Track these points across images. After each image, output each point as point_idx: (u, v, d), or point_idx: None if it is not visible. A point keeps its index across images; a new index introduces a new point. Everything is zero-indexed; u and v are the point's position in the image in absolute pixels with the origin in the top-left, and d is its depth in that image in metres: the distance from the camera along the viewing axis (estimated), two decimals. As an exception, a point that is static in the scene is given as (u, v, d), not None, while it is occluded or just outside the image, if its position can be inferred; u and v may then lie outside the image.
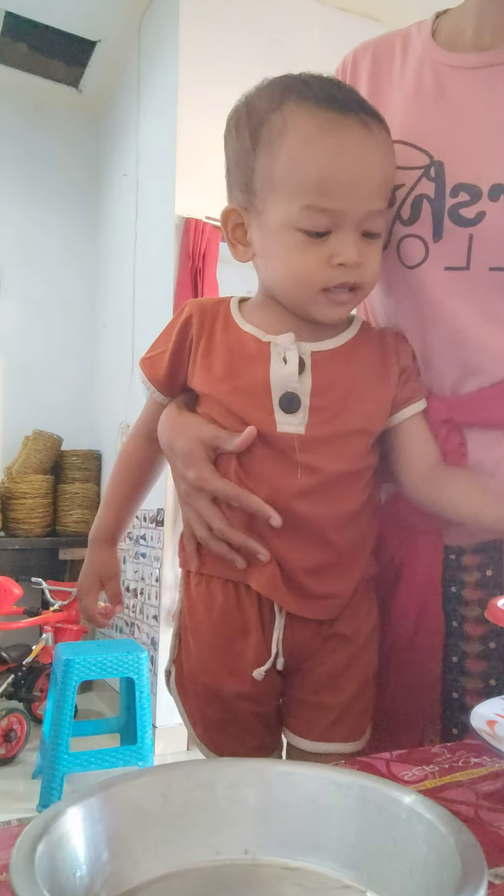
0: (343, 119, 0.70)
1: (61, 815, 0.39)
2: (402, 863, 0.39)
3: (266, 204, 0.73)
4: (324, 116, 0.70)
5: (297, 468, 0.75)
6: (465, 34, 0.82)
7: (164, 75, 3.40)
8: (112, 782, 0.42)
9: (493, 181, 0.74)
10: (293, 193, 0.71)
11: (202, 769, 0.45)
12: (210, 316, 0.82)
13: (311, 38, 3.31)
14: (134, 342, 3.66)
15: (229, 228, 0.79)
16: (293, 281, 0.74)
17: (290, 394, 0.75)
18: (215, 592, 0.80)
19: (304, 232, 0.71)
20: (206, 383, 0.79)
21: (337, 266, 0.71)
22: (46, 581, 3.44)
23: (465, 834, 0.36)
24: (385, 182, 0.73)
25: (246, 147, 0.74)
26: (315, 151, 0.70)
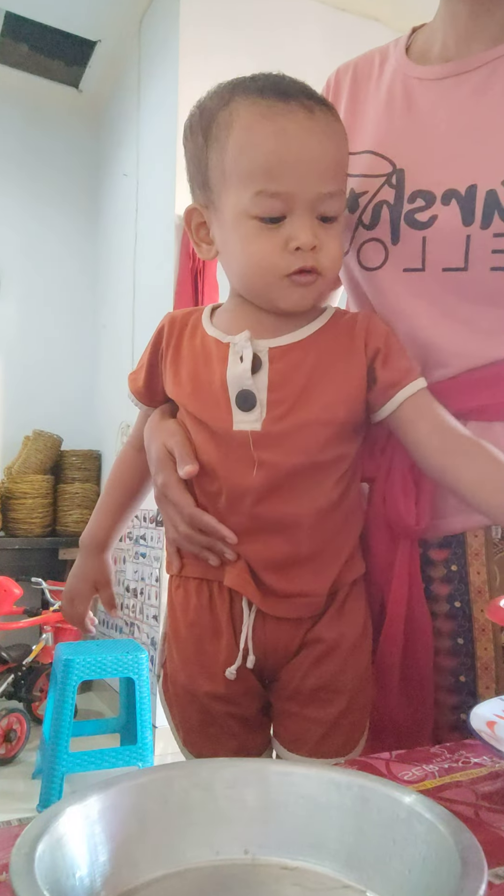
0: (285, 105, 0.71)
1: (61, 815, 0.39)
2: (402, 863, 0.39)
3: (221, 197, 0.75)
4: (266, 104, 0.72)
5: (254, 464, 0.75)
6: (434, 47, 0.86)
7: (164, 75, 3.40)
8: (112, 782, 0.42)
9: (447, 186, 0.78)
10: (243, 181, 0.72)
11: (202, 769, 0.45)
12: (180, 325, 0.85)
13: (312, 39, 3.31)
14: (134, 342, 3.66)
15: (193, 228, 0.81)
16: (253, 269, 0.74)
17: (245, 391, 0.76)
18: (191, 593, 0.82)
19: (259, 219, 0.72)
20: (174, 390, 0.82)
21: (294, 251, 0.72)
22: (46, 581, 3.44)
23: (465, 834, 0.36)
24: (334, 164, 0.73)
25: (199, 146, 0.77)
26: (258, 137, 0.71)
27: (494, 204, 0.75)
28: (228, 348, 0.78)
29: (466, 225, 0.76)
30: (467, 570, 0.81)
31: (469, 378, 0.80)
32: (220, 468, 0.77)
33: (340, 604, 0.80)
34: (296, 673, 0.79)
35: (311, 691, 0.79)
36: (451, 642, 0.82)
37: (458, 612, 0.82)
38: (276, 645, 0.79)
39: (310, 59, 3.33)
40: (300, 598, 0.78)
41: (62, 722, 2.53)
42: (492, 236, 0.75)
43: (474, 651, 0.81)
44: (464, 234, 0.77)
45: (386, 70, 0.89)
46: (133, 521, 3.57)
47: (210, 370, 0.78)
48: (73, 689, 2.58)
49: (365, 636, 0.81)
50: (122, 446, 0.95)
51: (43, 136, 4.34)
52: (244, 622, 0.78)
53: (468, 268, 0.77)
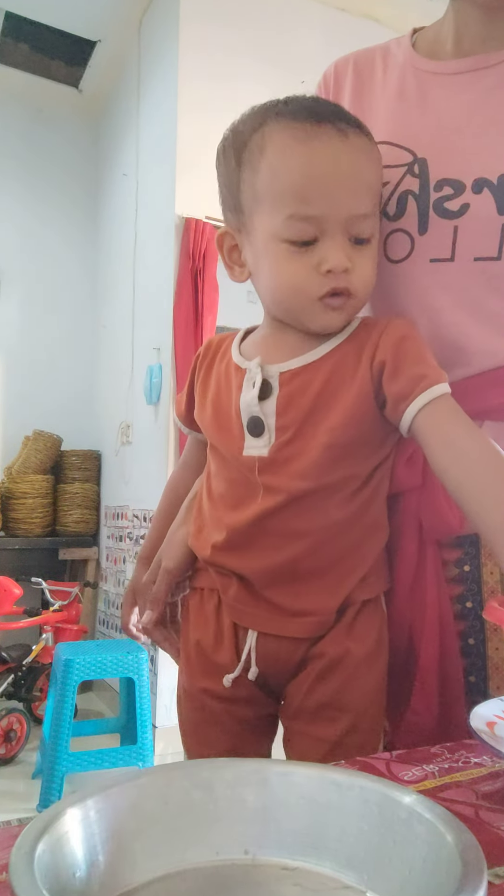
0: (318, 128, 0.71)
1: (61, 815, 0.39)
2: (402, 863, 0.39)
3: (253, 220, 0.75)
4: (299, 128, 0.71)
5: (259, 490, 0.76)
6: (446, 45, 0.86)
7: (163, 75, 3.40)
8: (112, 782, 0.42)
9: (476, 175, 0.77)
10: (275, 205, 0.72)
11: (202, 769, 0.45)
12: (214, 350, 0.86)
13: (312, 39, 3.31)
14: (134, 342, 3.66)
15: (225, 251, 0.81)
16: (285, 292, 0.75)
17: (255, 418, 0.77)
18: (202, 600, 0.84)
19: (290, 242, 0.72)
20: (199, 415, 0.85)
21: (326, 273, 0.72)
22: (46, 581, 3.44)
23: (465, 834, 0.36)
24: (367, 186, 0.73)
25: (232, 169, 0.77)
26: (291, 160, 0.71)
27: None
28: (244, 374, 0.78)
29: (501, 213, 0.76)
30: (480, 571, 0.81)
31: (489, 377, 0.80)
32: (230, 494, 0.79)
33: (350, 621, 0.78)
34: (300, 689, 0.79)
35: (315, 709, 0.78)
36: (463, 642, 0.81)
37: (470, 612, 0.81)
38: (278, 658, 0.79)
39: (310, 60, 3.33)
40: (307, 617, 0.77)
41: (62, 722, 2.53)
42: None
43: (485, 651, 0.80)
44: (499, 222, 0.76)
45: (392, 65, 0.89)
46: (133, 521, 3.57)
47: (229, 396, 0.80)
48: (73, 689, 2.58)
49: (377, 655, 0.79)
50: (175, 469, 0.99)
51: (43, 136, 4.34)
52: (248, 639, 0.79)
53: (501, 257, 0.77)
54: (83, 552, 3.98)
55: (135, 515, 3.54)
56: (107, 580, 3.90)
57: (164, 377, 3.25)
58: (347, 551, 0.77)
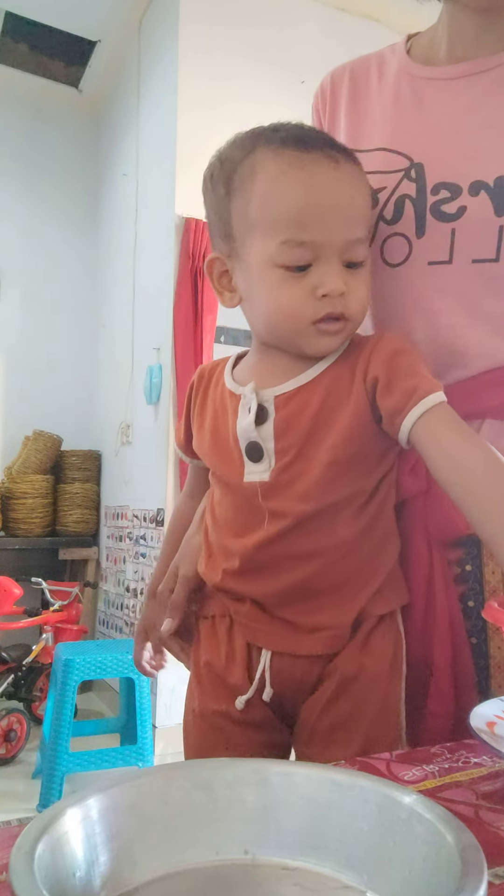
0: (309, 155, 0.72)
1: (61, 815, 0.39)
2: (402, 863, 0.39)
3: (245, 246, 0.75)
4: (291, 154, 0.72)
5: (265, 515, 0.76)
6: (440, 51, 0.86)
7: (163, 75, 3.40)
8: (112, 782, 0.42)
9: (473, 178, 0.78)
10: (270, 231, 0.72)
11: (202, 769, 0.45)
12: (207, 378, 0.87)
13: (312, 40, 3.32)
14: (134, 342, 3.66)
15: (215, 277, 0.81)
16: (280, 317, 0.74)
17: (253, 443, 0.76)
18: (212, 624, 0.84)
19: (285, 268, 0.72)
20: (197, 444, 0.85)
21: (321, 297, 0.72)
22: (46, 581, 3.44)
23: (465, 834, 0.36)
24: (359, 212, 0.74)
25: (221, 196, 0.77)
26: (286, 186, 0.72)
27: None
28: (239, 400, 0.79)
29: (499, 215, 0.76)
30: (482, 570, 0.81)
31: (488, 378, 0.80)
32: (235, 517, 0.79)
33: (364, 637, 0.77)
34: (314, 709, 0.77)
35: (328, 731, 0.77)
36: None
37: (472, 611, 0.81)
38: (293, 677, 0.78)
39: (310, 60, 3.34)
40: (321, 632, 0.76)
41: (62, 722, 2.53)
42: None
43: (488, 650, 0.81)
44: (496, 224, 0.77)
45: (387, 72, 0.90)
46: (133, 521, 3.57)
47: (226, 423, 0.80)
48: (73, 689, 2.58)
49: (392, 674, 0.78)
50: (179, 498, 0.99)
51: (43, 136, 4.34)
52: (261, 658, 0.78)
53: (499, 258, 0.77)
54: (83, 552, 3.98)
55: (135, 515, 3.54)
56: (107, 580, 3.90)
57: (164, 377, 3.25)
58: (359, 566, 0.77)
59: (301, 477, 0.74)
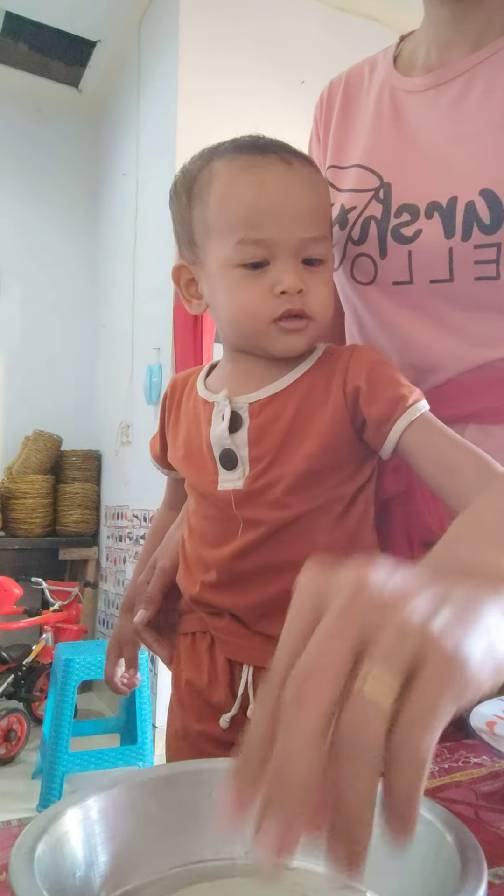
0: (262, 158, 0.74)
1: (61, 815, 0.39)
2: (402, 863, 0.39)
3: (206, 251, 0.76)
4: (244, 160, 0.74)
5: (239, 524, 0.76)
6: (419, 57, 0.86)
7: (163, 75, 3.40)
8: (112, 782, 0.42)
9: (430, 199, 0.78)
10: (226, 232, 0.74)
11: (202, 769, 0.45)
12: (181, 388, 0.87)
13: (312, 39, 3.32)
14: (134, 342, 3.66)
15: (182, 285, 0.82)
16: (241, 317, 0.75)
17: (227, 451, 0.77)
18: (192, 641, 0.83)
19: (243, 266, 0.73)
20: (172, 455, 0.85)
21: (280, 294, 0.72)
22: (46, 581, 3.45)
23: (466, 834, 0.36)
24: (313, 210, 0.75)
25: (183, 205, 0.79)
26: (238, 189, 0.73)
27: (473, 216, 0.75)
28: (212, 408, 0.79)
29: (448, 238, 0.76)
30: None
31: (464, 381, 0.80)
32: (210, 528, 0.79)
33: None
34: None
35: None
36: None
37: None
38: None
39: (310, 61, 3.34)
40: None
41: (62, 722, 2.53)
42: (473, 248, 0.75)
43: None
44: (446, 247, 0.77)
45: (374, 81, 0.89)
46: (133, 521, 3.57)
47: (199, 432, 0.80)
48: (73, 689, 2.58)
49: None
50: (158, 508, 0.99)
51: (43, 136, 4.34)
52: (243, 674, 0.77)
53: (454, 279, 0.77)
54: (83, 552, 3.98)
55: (134, 515, 3.54)
56: (107, 580, 3.90)
57: (164, 377, 3.25)
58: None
59: (275, 484, 0.74)
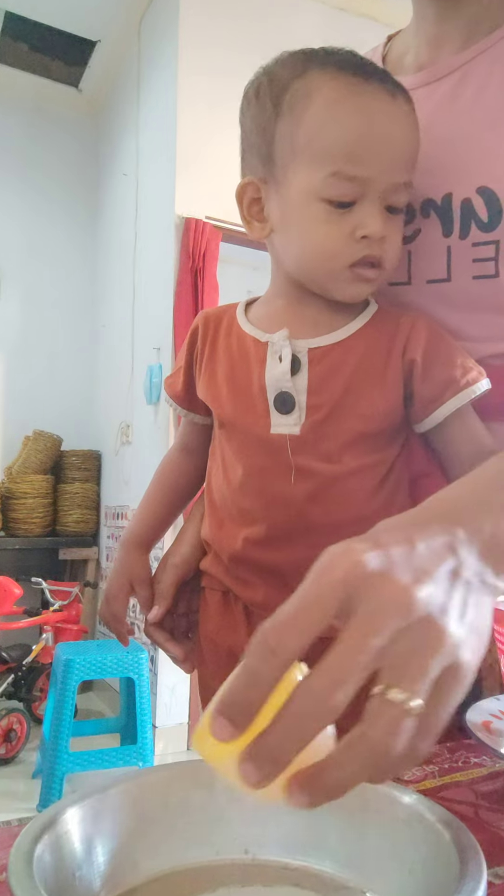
0: (368, 84, 0.67)
1: (61, 814, 0.39)
2: (401, 863, 0.39)
3: (287, 173, 0.70)
4: (349, 80, 0.67)
5: (291, 472, 0.73)
6: (408, 56, 0.84)
7: (163, 75, 3.40)
8: (112, 782, 0.42)
9: (423, 197, 0.77)
10: (319, 159, 0.67)
11: (202, 769, 0.45)
12: (214, 323, 0.81)
13: (312, 39, 3.30)
14: (134, 342, 3.66)
15: (245, 204, 0.75)
16: (315, 255, 0.71)
17: (284, 393, 0.73)
18: (224, 601, 0.81)
19: (329, 202, 0.68)
20: (208, 393, 0.79)
21: (361, 239, 0.68)
22: (46, 581, 3.44)
23: (465, 834, 0.36)
24: (411, 153, 0.70)
25: (268, 115, 0.71)
26: (343, 113, 0.67)
27: (470, 213, 0.74)
28: (266, 347, 0.75)
29: (446, 236, 0.76)
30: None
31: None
32: (257, 476, 0.75)
33: None
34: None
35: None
36: None
37: None
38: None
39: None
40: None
41: (62, 722, 2.53)
42: (471, 246, 0.75)
43: None
44: (444, 245, 0.76)
45: None
46: (133, 521, 3.56)
47: (248, 371, 0.75)
48: (73, 689, 2.58)
49: None
50: (169, 451, 0.93)
51: (43, 136, 4.34)
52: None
53: (451, 278, 0.77)
54: (83, 552, 3.98)
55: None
56: (107, 580, 3.89)
57: (163, 377, 3.25)
58: None
59: (329, 437, 0.72)
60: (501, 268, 0.74)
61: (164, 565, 0.87)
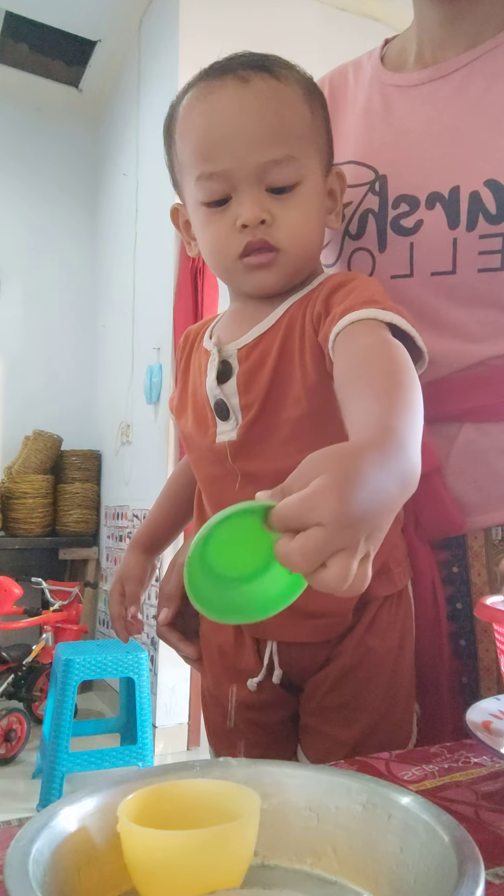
0: (218, 81, 0.69)
1: (59, 814, 0.39)
2: (400, 863, 0.39)
3: (184, 191, 0.74)
4: (202, 87, 0.70)
5: (237, 479, 0.72)
6: (409, 55, 0.86)
7: (163, 75, 3.40)
8: (112, 782, 0.42)
9: (430, 189, 0.77)
10: (188, 169, 0.71)
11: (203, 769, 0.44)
12: (192, 338, 0.83)
13: (312, 39, 3.31)
14: (134, 342, 3.66)
15: (181, 227, 0.80)
16: (211, 256, 0.72)
17: (219, 401, 0.73)
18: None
19: (206, 205, 0.70)
20: (178, 407, 0.81)
21: (242, 229, 0.68)
22: (46, 581, 3.44)
23: (463, 834, 0.36)
24: (270, 131, 0.67)
25: (168, 144, 0.76)
26: (192, 122, 0.70)
27: (478, 205, 0.74)
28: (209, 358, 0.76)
29: (452, 228, 0.76)
30: (469, 573, 0.81)
31: (460, 379, 0.79)
32: (212, 485, 0.76)
33: (371, 618, 0.74)
34: (319, 688, 0.76)
35: (335, 708, 0.75)
36: (454, 644, 0.81)
37: (461, 613, 0.81)
38: (301, 660, 0.76)
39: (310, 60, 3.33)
40: (321, 619, 0.73)
41: (62, 722, 2.53)
42: (478, 238, 0.75)
43: (476, 653, 0.80)
44: (450, 237, 0.76)
45: (361, 80, 0.89)
46: (133, 521, 3.57)
47: (202, 383, 0.76)
48: (73, 689, 2.58)
49: (401, 651, 0.76)
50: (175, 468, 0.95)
51: (43, 135, 4.34)
52: (268, 645, 0.76)
53: (456, 271, 0.77)
54: (83, 552, 3.98)
55: (135, 515, 3.54)
56: (107, 580, 3.90)
57: (163, 377, 3.25)
58: None
59: (270, 434, 0.70)
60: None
61: (172, 567, 0.87)
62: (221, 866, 0.38)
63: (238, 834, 0.38)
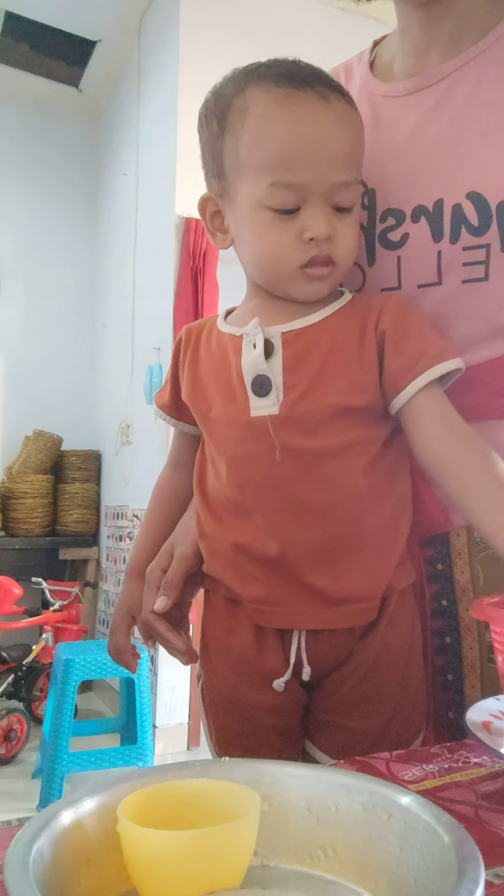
0: (299, 93, 0.71)
1: (59, 814, 0.38)
2: (400, 863, 0.39)
3: (236, 187, 0.74)
4: (280, 92, 0.71)
5: (276, 449, 0.73)
6: (395, 63, 0.86)
7: (163, 75, 3.40)
8: (112, 782, 0.42)
9: (415, 203, 0.78)
10: (258, 172, 0.71)
11: (203, 769, 0.44)
12: (196, 332, 0.85)
13: (312, 39, 3.31)
14: (134, 342, 3.66)
15: (207, 217, 0.80)
16: (268, 260, 0.74)
17: (260, 376, 0.75)
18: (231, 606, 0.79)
19: (273, 210, 0.72)
20: (190, 393, 0.82)
21: (308, 241, 0.71)
22: (46, 581, 3.45)
23: (463, 834, 0.36)
24: (349, 153, 0.73)
25: (214, 133, 0.76)
26: (272, 126, 0.71)
27: (460, 217, 0.75)
28: (242, 340, 0.77)
29: (437, 241, 0.77)
30: (452, 570, 0.81)
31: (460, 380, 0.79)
32: (243, 465, 0.76)
33: (391, 613, 0.76)
34: (342, 685, 0.76)
35: (357, 703, 0.76)
36: (439, 641, 0.82)
37: (445, 610, 0.82)
38: (328, 655, 0.76)
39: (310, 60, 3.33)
40: (353, 605, 0.74)
41: (62, 722, 2.53)
42: (461, 250, 0.76)
43: (461, 650, 0.81)
44: (435, 250, 0.77)
45: (352, 87, 0.89)
46: (133, 521, 3.57)
47: (227, 365, 0.78)
48: (73, 689, 2.58)
49: (413, 641, 0.79)
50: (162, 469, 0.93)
51: (43, 135, 4.34)
52: (293, 639, 0.75)
53: (441, 282, 0.78)
54: (83, 552, 3.98)
55: (135, 515, 3.54)
56: (107, 580, 3.90)
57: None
58: (382, 529, 0.75)
59: (311, 414, 0.73)
60: (492, 272, 0.75)
61: (169, 554, 0.85)
62: (221, 866, 0.38)
63: (238, 834, 0.38)
